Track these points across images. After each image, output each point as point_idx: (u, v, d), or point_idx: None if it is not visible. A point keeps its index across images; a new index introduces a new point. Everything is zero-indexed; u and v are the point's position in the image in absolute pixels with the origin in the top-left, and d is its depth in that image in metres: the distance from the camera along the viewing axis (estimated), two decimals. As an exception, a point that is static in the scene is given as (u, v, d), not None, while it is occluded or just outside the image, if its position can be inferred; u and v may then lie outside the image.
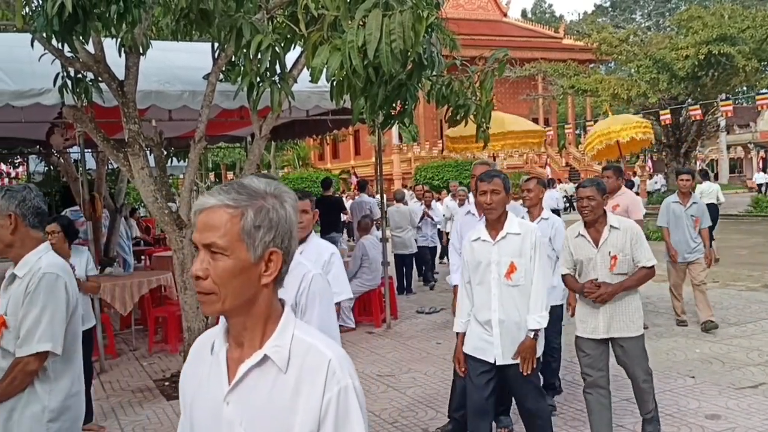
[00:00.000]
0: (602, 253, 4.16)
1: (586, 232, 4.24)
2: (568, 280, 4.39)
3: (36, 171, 15.58)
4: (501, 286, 3.77)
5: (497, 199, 3.75)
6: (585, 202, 4.17)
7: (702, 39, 23.66)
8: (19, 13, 4.39)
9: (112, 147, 5.67)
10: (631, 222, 4.31)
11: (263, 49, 4.30)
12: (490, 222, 3.83)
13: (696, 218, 7.57)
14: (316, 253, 3.57)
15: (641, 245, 4.17)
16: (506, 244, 3.78)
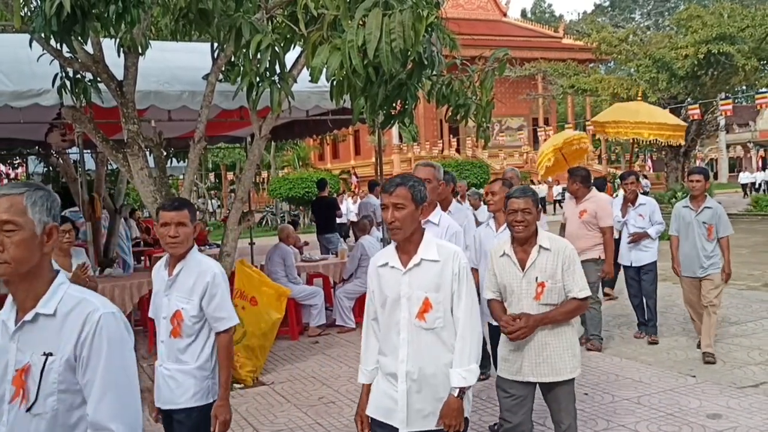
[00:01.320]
0: (528, 278, 3.50)
1: (512, 252, 3.57)
2: (493, 306, 3.68)
3: (35, 172, 15.57)
4: (412, 328, 2.85)
5: (402, 216, 2.82)
6: (519, 216, 3.49)
7: (701, 38, 23.63)
8: (18, 14, 4.39)
9: (111, 147, 5.66)
10: (564, 243, 3.58)
11: (263, 48, 4.29)
12: (400, 244, 2.92)
13: (709, 226, 6.33)
14: (196, 272, 3.18)
15: (575, 272, 3.48)
16: (420, 273, 2.85)
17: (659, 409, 5.03)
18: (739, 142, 52.93)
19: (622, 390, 5.50)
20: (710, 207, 6.38)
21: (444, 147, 38.60)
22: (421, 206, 2.89)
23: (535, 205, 3.51)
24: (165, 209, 3.23)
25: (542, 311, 3.47)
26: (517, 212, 3.49)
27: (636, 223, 7.22)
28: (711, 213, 6.36)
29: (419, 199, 2.86)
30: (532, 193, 3.57)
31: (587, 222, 6.78)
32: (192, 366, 3.21)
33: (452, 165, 31.22)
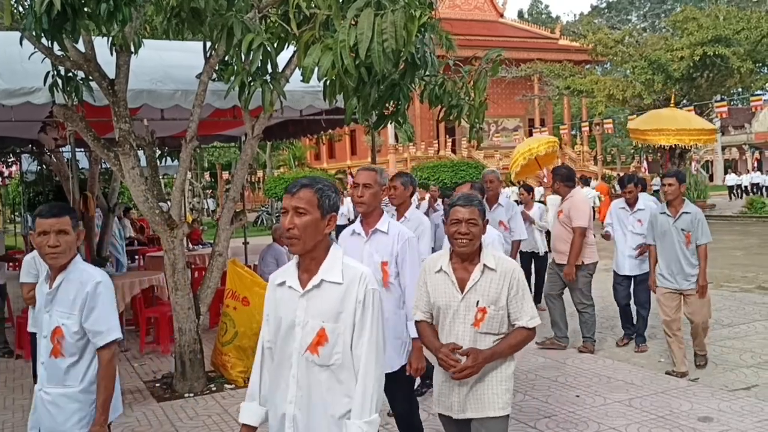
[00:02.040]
0: (467, 301, 3.01)
1: (450, 269, 3.07)
2: (422, 330, 3.17)
3: (29, 170, 15.52)
4: (303, 363, 2.37)
5: (302, 223, 2.33)
6: (463, 228, 2.99)
7: (697, 40, 23.70)
8: (8, 11, 4.36)
9: (103, 146, 5.64)
10: (512, 264, 3.08)
11: (254, 48, 4.27)
12: (300, 260, 2.44)
13: (688, 233, 5.85)
14: (78, 284, 2.93)
15: (523, 298, 3.02)
16: (319, 297, 2.37)
17: (650, 411, 5.03)
18: (734, 144, 53.09)
19: (613, 392, 5.49)
20: (688, 212, 5.91)
21: (440, 147, 38.57)
22: (329, 216, 2.39)
23: (481, 215, 3.05)
24: (42, 216, 2.90)
25: (479, 340, 3.01)
26: (461, 223, 3.01)
27: (635, 230, 6.85)
28: (689, 219, 5.89)
29: (327, 207, 2.38)
30: (479, 201, 3.09)
31: (564, 223, 6.69)
32: (76, 389, 2.95)
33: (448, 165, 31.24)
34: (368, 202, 3.85)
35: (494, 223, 6.26)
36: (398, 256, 3.79)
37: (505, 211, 6.93)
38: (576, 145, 42.40)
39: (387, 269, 3.78)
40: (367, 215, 3.88)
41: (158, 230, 5.82)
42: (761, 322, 7.81)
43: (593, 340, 6.83)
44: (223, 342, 6.12)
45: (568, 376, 5.99)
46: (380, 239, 3.83)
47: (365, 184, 3.84)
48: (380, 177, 3.90)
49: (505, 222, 6.86)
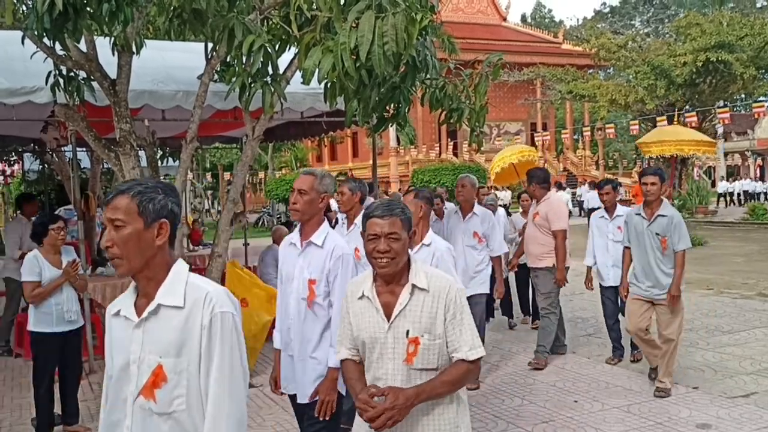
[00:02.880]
0: (395, 331, 2.46)
1: (373, 293, 2.51)
2: (347, 370, 2.63)
3: (31, 169, 15.54)
4: (137, 411, 1.95)
5: (120, 238, 1.92)
6: (382, 244, 2.44)
7: (700, 46, 23.69)
8: (9, 10, 4.35)
9: (104, 146, 5.63)
10: (448, 282, 2.50)
11: (255, 49, 4.27)
12: (136, 282, 2.01)
13: (663, 237, 5.42)
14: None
15: (462, 323, 2.46)
16: (157, 326, 1.92)
17: (649, 417, 5.01)
18: (737, 150, 53.00)
19: (612, 398, 5.48)
20: (665, 215, 5.45)
21: (441, 150, 38.60)
22: (158, 223, 1.93)
23: (405, 227, 2.49)
24: None
25: (414, 379, 2.43)
26: (379, 239, 2.45)
27: (615, 237, 6.44)
28: (665, 222, 5.43)
29: (152, 213, 1.92)
30: (401, 210, 2.53)
31: (539, 225, 6.50)
32: None
33: (449, 169, 31.28)
34: (302, 209, 3.41)
35: (467, 234, 6.04)
36: (330, 274, 3.31)
37: (480, 221, 6.10)
38: (578, 149, 42.40)
39: (314, 288, 3.31)
40: (304, 224, 3.45)
41: (158, 231, 5.80)
42: (761, 329, 7.79)
43: (546, 353, 6.54)
44: (222, 343, 6.10)
45: (567, 381, 5.98)
46: (313, 253, 3.36)
47: (300, 189, 3.41)
48: (319, 183, 3.45)
49: (480, 234, 6.07)
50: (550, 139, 36.25)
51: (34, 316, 4.94)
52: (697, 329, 7.83)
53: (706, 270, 12.82)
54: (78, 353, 5.20)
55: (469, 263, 6.01)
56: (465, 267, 5.92)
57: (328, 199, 3.48)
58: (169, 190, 1.98)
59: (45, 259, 4.98)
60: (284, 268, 3.49)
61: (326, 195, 3.45)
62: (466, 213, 6.15)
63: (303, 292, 3.33)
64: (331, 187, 3.52)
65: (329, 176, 3.55)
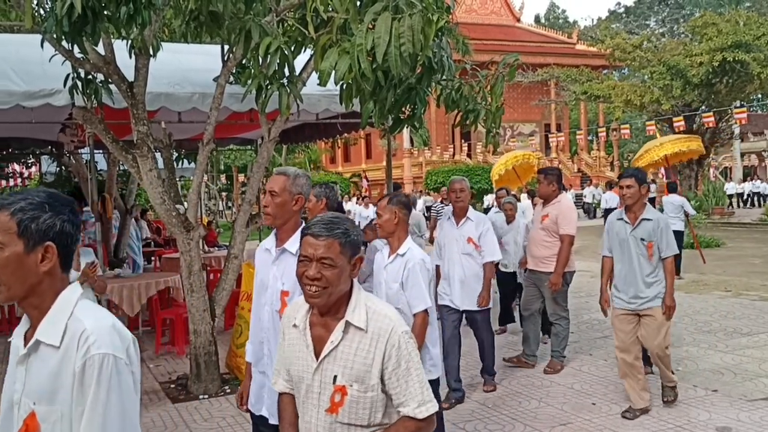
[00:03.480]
0: (322, 374, 2.07)
1: (306, 323, 2.14)
2: (281, 407, 2.31)
3: (48, 171, 15.69)
4: None
5: None
6: (312, 270, 2.04)
7: (717, 46, 23.49)
8: (29, 14, 4.40)
9: (121, 148, 5.68)
10: (393, 321, 2.07)
11: (272, 51, 4.28)
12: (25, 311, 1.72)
13: (649, 243, 5.02)
14: None
15: (410, 373, 2.03)
16: (35, 366, 1.64)
17: (668, 421, 4.97)
18: (753, 151, 52.49)
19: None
20: (650, 219, 5.05)
21: (455, 152, 38.54)
22: (43, 246, 1.63)
23: (346, 252, 2.06)
24: None
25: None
26: (311, 262, 2.04)
27: None
28: (651, 226, 5.03)
29: (35, 234, 1.62)
30: (344, 231, 2.07)
31: (547, 228, 6.29)
32: None
33: (463, 170, 31.23)
34: (274, 213, 3.13)
35: (462, 240, 5.63)
36: None
37: (475, 225, 5.68)
38: (592, 150, 42.19)
39: (287, 300, 2.95)
40: (278, 229, 3.14)
41: (175, 232, 5.84)
42: (781, 331, 7.71)
43: (562, 357, 6.40)
44: (238, 344, 6.12)
45: (584, 384, 5.94)
46: (287, 261, 3.00)
47: (271, 191, 3.13)
48: (292, 183, 3.15)
49: (474, 239, 5.64)
50: (565, 140, 36.08)
51: None
52: (716, 331, 7.75)
53: (724, 272, 12.70)
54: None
55: (468, 273, 5.58)
56: (463, 277, 5.57)
57: (303, 201, 3.18)
58: (61, 206, 1.66)
59: None
60: (258, 275, 3.20)
61: (300, 196, 3.16)
62: (460, 219, 5.69)
63: (276, 304, 3.03)
64: (307, 187, 3.22)
65: (304, 176, 3.25)
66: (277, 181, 3.13)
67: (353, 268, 2.10)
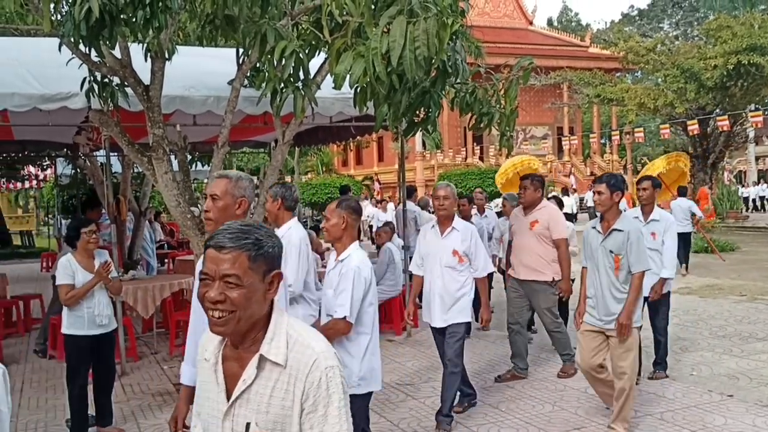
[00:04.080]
0: (234, 420, 1.74)
1: (218, 357, 1.80)
2: None
3: (63, 174, 15.82)
4: None
5: None
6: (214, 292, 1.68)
7: (731, 49, 23.34)
8: (47, 18, 4.44)
9: (137, 151, 5.72)
10: (314, 352, 1.71)
11: (287, 55, 4.30)
12: None
13: (616, 256, 4.66)
14: None
15: (326, 419, 1.67)
16: None
17: (683, 426, 4.94)
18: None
19: (645, 405, 5.41)
20: (620, 230, 4.66)
21: (467, 155, 38.48)
22: None
23: (259, 266, 1.69)
24: None
25: None
26: (213, 281, 1.68)
27: (648, 244, 5.65)
28: (621, 239, 4.65)
29: None
30: (254, 242, 1.69)
31: (540, 234, 6.09)
32: None
33: (476, 173, 31.19)
34: (216, 218, 2.92)
35: (446, 252, 5.11)
36: None
37: (461, 237, 5.12)
38: (605, 153, 42.00)
39: None
40: None
41: (189, 234, 5.87)
42: (797, 336, 7.64)
43: (572, 358, 6.15)
44: (252, 346, 6.14)
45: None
46: None
47: (212, 195, 2.94)
48: (234, 186, 2.96)
49: (460, 252, 5.10)
50: (577, 143, 35.96)
51: (67, 318, 5.02)
52: (731, 336, 7.70)
53: (739, 276, 12.60)
54: (110, 356, 5.27)
55: (449, 287, 5.10)
56: (442, 291, 5.10)
57: (246, 204, 3.00)
58: None
59: (78, 262, 5.06)
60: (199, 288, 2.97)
61: (243, 199, 2.98)
62: (444, 228, 5.19)
63: None
64: (250, 190, 3.03)
65: (247, 178, 3.07)
66: (218, 185, 2.98)
67: (270, 287, 1.71)
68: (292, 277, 4.28)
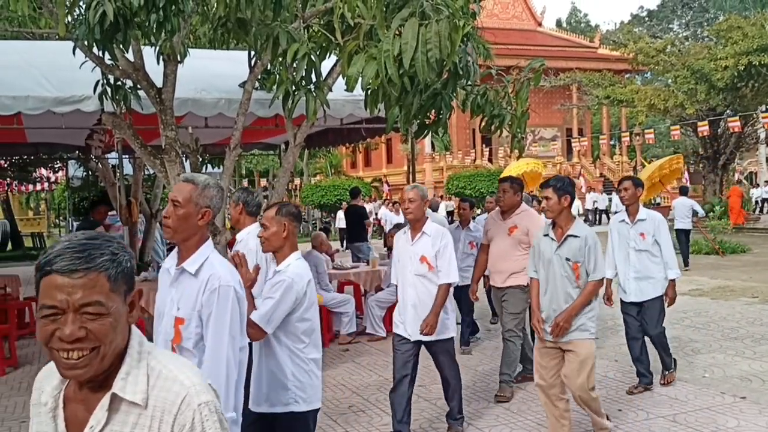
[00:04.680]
0: None
1: (60, 399, 1.47)
2: None
3: (74, 176, 15.92)
4: None
5: None
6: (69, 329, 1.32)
7: (742, 49, 23.25)
8: (62, 22, 4.49)
9: (150, 153, 5.76)
10: (184, 387, 1.40)
11: (299, 57, 4.34)
12: None
13: (575, 263, 4.31)
14: None
15: None
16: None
17: (695, 428, 4.92)
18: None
19: (657, 407, 5.40)
20: (577, 236, 4.32)
21: (476, 156, 38.47)
22: None
23: (119, 285, 1.38)
24: None
25: None
26: (65, 314, 1.33)
27: (637, 245, 5.71)
28: (578, 245, 4.30)
29: None
30: (110, 259, 1.37)
31: (519, 239, 5.81)
32: None
33: (485, 175, 31.16)
34: (175, 226, 2.64)
35: (415, 260, 4.70)
36: (203, 312, 2.53)
37: (431, 242, 4.70)
38: (615, 155, 41.88)
39: (181, 329, 2.56)
40: (180, 246, 2.68)
41: (201, 236, 5.90)
42: (810, 338, 7.59)
43: (512, 382, 5.87)
44: (263, 348, 6.16)
45: (610, 390, 5.90)
46: (186, 284, 2.60)
47: (174, 200, 2.64)
48: (200, 194, 2.64)
49: (429, 258, 4.69)
50: (587, 145, 35.88)
51: None
52: (743, 338, 7.66)
53: (750, 278, 12.54)
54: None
55: (423, 298, 4.64)
56: (416, 302, 4.64)
57: (210, 215, 2.65)
58: None
59: None
60: (158, 299, 2.74)
61: (208, 210, 2.63)
62: (415, 233, 4.74)
63: (169, 334, 2.58)
64: (217, 200, 2.69)
65: (216, 187, 2.71)
66: (182, 190, 2.64)
67: (131, 309, 1.43)
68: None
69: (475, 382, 6.31)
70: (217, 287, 2.51)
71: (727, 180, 29.14)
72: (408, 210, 4.72)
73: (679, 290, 11.71)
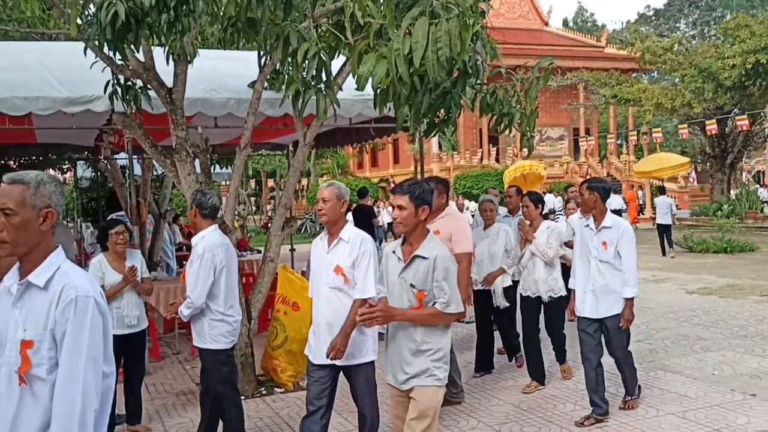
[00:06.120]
0: None
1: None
2: None
3: (83, 176, 15.97)
4: None
5: None
6: None
7: (749, 48, 23.17)
8: (74, 22, 4.53)
9: (160, 153, 5.79)
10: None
11: (309, 56, 4.35)
12: None
13: (419, 292, 3.45)
14: None
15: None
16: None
17: (705, 424, 4.92)
18: (787, 154, 51.50)
19: (667, 404, 5.40)
20: (425, 257, 3.35)
21: (483, 156, 38.43)
22: None
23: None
24: None
25: None
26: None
27: (599, 255, 5.06)
28: (425, 268, 3.35)
29: None
30: None
31: None
32: None
33: (492, 174, 31.15)
34: (13, 239, 2.17)
35: (329, 270, 4.01)
36: (56, 330, 2.09)
37: (349, 250, 4.02)
38: (622, 154, 41.76)
39: (29, 354, 2.10)
40: (22, 260, 2.27)
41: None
42: (820, 336, 7.57)
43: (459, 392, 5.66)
44: (274, 346, 6.20)
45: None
46: (33, 299, 2.16)
47: (3, 208, 2.18)
48: (33, 195, 2.18)
49: (344, 269, 4.02)
50: (594, 145, 35.80)
51: None
52: (752, 336, 7.65)
53: (759, 276, 12.50)
54: (140, 355, 5.34)
55: (339, 314, 3.91)
56: (331, 320, 3.93)
57: (54, 216, 2.20)
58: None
59: (109, 264, 5.12)
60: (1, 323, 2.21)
61: (49, 210, 2.18)
62: (331, 239, 4.04)
63: (15, 362, 2.11)
64: (57, 195, 2.23)
65: (52, 181, 2.24)
66: (11, 194, 2.15)
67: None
68: (189, 288, 4.33)
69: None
70: (74, 298, 2.09)
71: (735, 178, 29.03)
72: (321, 211, 3.99)
73: (688, 288, 11.71)
